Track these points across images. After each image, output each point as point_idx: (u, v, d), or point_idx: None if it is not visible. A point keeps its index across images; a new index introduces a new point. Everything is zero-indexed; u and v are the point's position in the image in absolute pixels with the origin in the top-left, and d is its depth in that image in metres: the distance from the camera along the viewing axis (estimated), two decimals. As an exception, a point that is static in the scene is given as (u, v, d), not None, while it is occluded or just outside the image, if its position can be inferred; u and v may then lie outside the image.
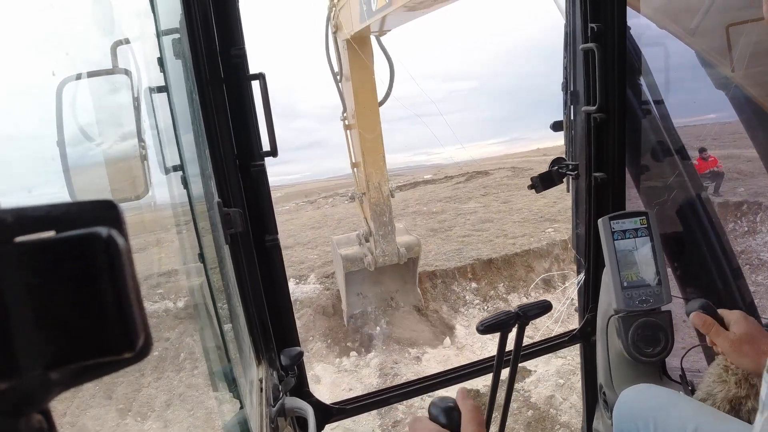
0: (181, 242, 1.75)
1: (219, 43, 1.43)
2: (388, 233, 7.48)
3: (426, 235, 10.95)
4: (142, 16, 1.36)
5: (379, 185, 7.29)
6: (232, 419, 1.37)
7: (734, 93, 1.72)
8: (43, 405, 0.23)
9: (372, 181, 7.23)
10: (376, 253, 7.44)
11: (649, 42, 1.97)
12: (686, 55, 1.77)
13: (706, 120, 2.12)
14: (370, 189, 7.26)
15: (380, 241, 7.43)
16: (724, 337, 1.32)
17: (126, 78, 1.33)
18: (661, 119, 2.01)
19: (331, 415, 1.89)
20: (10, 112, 1.60)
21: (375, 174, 7.25)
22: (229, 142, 1.49)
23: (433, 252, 9.82)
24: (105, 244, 0.22)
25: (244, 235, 1.54)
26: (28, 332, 0.21)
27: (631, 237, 1.89)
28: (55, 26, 1.25)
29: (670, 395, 1.49)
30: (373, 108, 6.95)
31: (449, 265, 8.99)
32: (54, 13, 1.20)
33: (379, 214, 7.40)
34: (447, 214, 12.87)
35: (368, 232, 7.56)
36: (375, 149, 7.20)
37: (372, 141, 7.09)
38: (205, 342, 1.63)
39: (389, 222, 7.49)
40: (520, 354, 1.78)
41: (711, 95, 1.85)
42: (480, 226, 11.18)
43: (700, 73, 1.79)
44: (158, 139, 1.44)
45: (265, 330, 1.63)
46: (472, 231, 10.91)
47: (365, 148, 7.11)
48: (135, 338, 0.23)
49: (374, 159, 7.22)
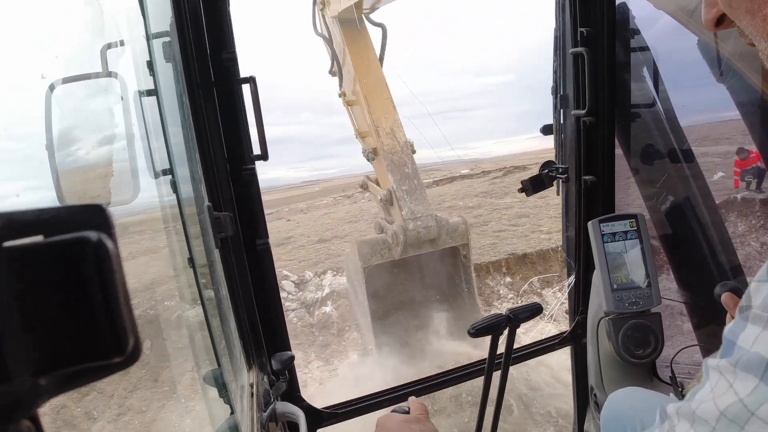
0: (170, 247, 1.74)
1: (210, 46, 1.43)
2: (415, 188, 5.57)
3: None
4: (132, 19, 1.35)
5: (392, 131, 5.92)
6: (222, 425, 1.36)
7: (732, 83, 1.72)
8: (32, 411, 0.23)
9: (383, 127, 5.86)
10: (404, 215, 5.34)
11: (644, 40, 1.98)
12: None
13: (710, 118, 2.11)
14: (381, 136, 5.81)
15: (405, 199, 5.46)
16: None
17: (115, 81, 1.32)
18: (656, 119, 2.02)
19: (322, 419, 1.88)
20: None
21: (384, 119, 5.91)
22: (219, 146, 1.49)
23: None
24: (94, 248, 0.22)
25: (235, 239, 1.53)
26: (16, 338, 0.21)
27: (620, 239, 1.90)
28: (44, 29, 1.24)
29: (658, 398, 1.49)
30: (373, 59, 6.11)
31: (483, 260, 9.00)
32: (43, 15, 1.19)
33: (399, 165, 5.71)
34: (483, 209, 12.95)
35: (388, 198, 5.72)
36: (380, 93, 6.03)
37: (374, 84, 6.03)
38: (195, 347, 1.62)
39: (413, 174, 5.68)
40: (511, 357, 1.78)
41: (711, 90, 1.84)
42: (516, 221, 11.23)
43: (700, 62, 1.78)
44: (148, 142, 1.43)
45: (255, 334, 1.62)
46: (508, 226, 10.95)
47: (368, 92, 5.92)
48: (125, 343, 0.23)
49: (381, 103, 5.97)
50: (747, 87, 1.68)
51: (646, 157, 2.10)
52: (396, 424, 1.07)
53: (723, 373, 0.56)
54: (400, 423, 1.07)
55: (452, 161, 28.20)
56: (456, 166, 23.16)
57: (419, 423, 1.07)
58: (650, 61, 1.99)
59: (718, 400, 0.55)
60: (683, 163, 2.00)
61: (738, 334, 0.57)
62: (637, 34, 1.98)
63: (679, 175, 2.02)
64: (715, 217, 2.01)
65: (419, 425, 1.06)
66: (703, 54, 1.75)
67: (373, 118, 5.88)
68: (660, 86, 2.00)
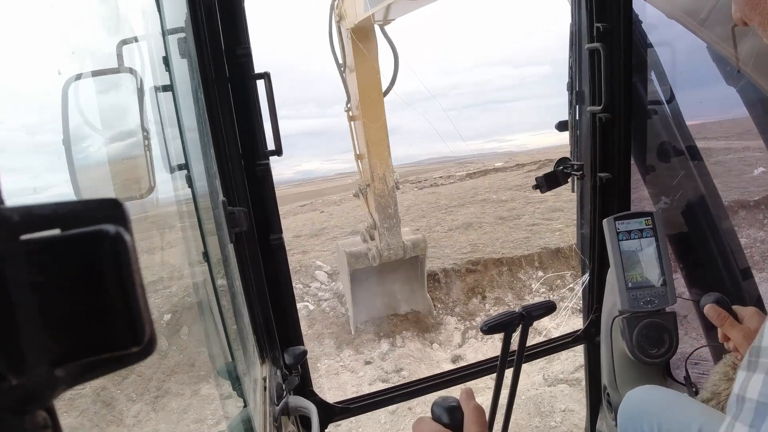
0: (185, 241, 1.76)
1: (224, 42, 1.44)
2: (393, 226, 7.28)
3: (494, 223, 10.98)
4: (148, 15, 1.36)
5: (384, 176, 7.08)
6: (235, 417, 1.37)
7: (743, 88, 1.70)
8: (48, 402, 0.23)
9: (377, 172, 7.02)
10: (381, 246, 7.22)
11: (661, 35, 1.96)
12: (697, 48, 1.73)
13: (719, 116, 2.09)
14: (374, 180, 7.06)
15: (385, 234, 7.21)
16: (738, 330, 1.31)
17: (131, 77, 1.33)
18: (673, 117, 2.00)
19: (334, 414, 1.89)
20: (15, 110, 1.61)
21: (380, 165, 7.04)
22: (234, 141, 1.50)
23: (500, 240, 9.79)
24: (112, 240, 0.22)
25: (249, 234, 1.54)
26: (34, 329, 0.21)
27: (636, 237, 1.88)
28: (60, 25, 1.25)
29: (675, 397, 1.48)
30: (378, 98, 6.79)
31: (516, 253, 8.97)
32: (59, 11, 1.20)
33: (383, 207, 7.17)
34: (516, 202, 12.85)
35: (372, 225, 7.36)
36: (380, 140, 7.00)
37: (377, 131, 6.91)
38: (209, 340, 1.64)
39: (394, 215, 7.29)
40: (524, 354, 1.77)
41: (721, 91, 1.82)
42: (549, 215, 11.11)
43: (710, 67, 1.76)
44: (163, 138, 1.45)
45: (269, 329, 1.63)
46: (541, 220, 10.86)
47: (370, 138, 6.92)
48: (141, 333, 0.23)
49: (379, 150, 7.02)
50: (758, 90, 1.66)
51: (663, 154, 2.07)
52: None
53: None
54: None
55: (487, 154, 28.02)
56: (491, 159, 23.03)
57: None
58: (667, 58, 1.97)
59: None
60: (698, 161, 1.98)
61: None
62: (654, 29, 1.96)
63: (694, 174, 1.99)
64: (727, 216, 1.98)
65: None
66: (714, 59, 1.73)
67: (371, 165, 7.01)
68: (678, 83, 1.97)
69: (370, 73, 6.71)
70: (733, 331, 1.32)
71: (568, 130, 2.15)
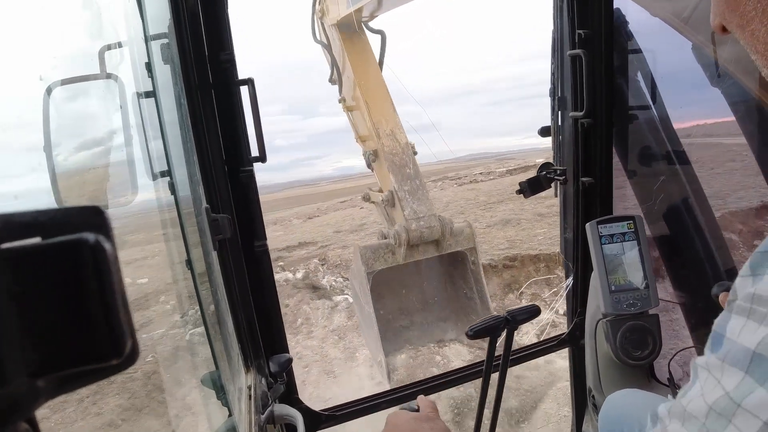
0: (168, 249, 1.74)
1: (208, 48, 1.43)
2: (417, 188, 5.47)
3: (532, 220, 11.09)
4: (131, 21, 1.35)
5: (393, 132, 5.84)
6: (220, 427, 1.36)
7: (728, 89, 1.72)
8: (29, 413, 0.22)
9: (383, 130, 5.81)
10: (406, 214, 5.22)
11: (642, 41, 1.98)
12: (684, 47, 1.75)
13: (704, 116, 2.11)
14: (381, 138, 5.76)
15: (408, 200, 5.34)
16: None
17: (114, 83, 1.32)
18: (654, 121, 2.03)
19: (320, 421, 1.88)
20: (-5, 116, 1.59)
21: (384, 122, 5.86)
22: (217, 148, 1.49)
23: (539, 236, 9.86)
24: (92, 249, 0.22)
25: (233, 241, 1.53)
26: (13, 339, 0.21)
27: (618, 241, 1.91)
28: (42, 30, 1.24)
29: (656, 400, 1.50)
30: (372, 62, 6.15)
31: (554, 250, 9.02)
32: (41, 16, 1.19)
33: (400, 166, 5.61)
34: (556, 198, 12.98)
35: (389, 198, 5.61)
36: (380, 96, 5.98)
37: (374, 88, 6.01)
38: (193, 349, 1.62)
39: (415, 175, 5.58)
40: (509, 359, 1.78)
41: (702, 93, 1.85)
42: None
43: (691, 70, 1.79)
44: (146, 144, 1.43)
45: (253, 336, 1.62)
46: None
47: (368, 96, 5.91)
48: (122, 345, 0.23)
49: (381, 105, 5.95)
50: (743, 91, 1.69)
51: (644, 158, 2.10)
52: (406, 423, 1.05)
53: (711, 371, 0.57)
54: (410, 421, 1.05)
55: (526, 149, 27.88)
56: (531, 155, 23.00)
57: (430, 421, 1.06)
58: (647, 64, 1.99)
59: (707, 396, 0.56)
60: (680, 165, 2.01)
61: (725, 326, 0.59)
62: (634, 36, 1.99)
63: (677, 177, 2.02)
64: (711, 219, 2.01)
65: (430, 423, 1.05)
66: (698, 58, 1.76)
67: (373, 121, 5.85)
68: (657, 88, 2.00)
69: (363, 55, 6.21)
70: None
71: (551, 135, 2.18)
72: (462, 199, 13.94)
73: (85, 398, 5.15)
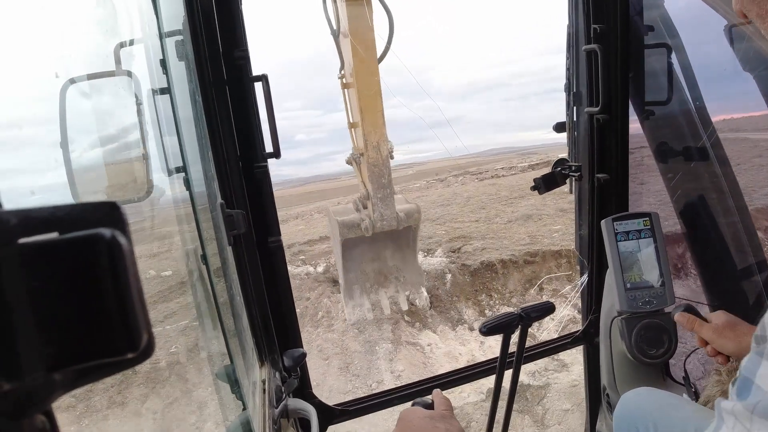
0: (183, 244, 1.75)
1: (222, 44, 1.44)
2: (387, 196, 7.21)
3: (554, 215, 11.05)
4: (145, 18, 1.36)
5: (378, 145, 7.08)
6: (234, 420, 1.37)
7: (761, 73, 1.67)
8: (46, 406, 0.23)
9: (370, 141, 7.03)
10: (374, 216, 7.14)
11: (658, 35, 1.95)
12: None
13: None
14: (368, 149, 7.02)
15: (378, 205, 7.14)
16: (707, 328, 1.42)
17: (129, 79, 1.33)
18: (671, 116, 2.00)
19: (334, 416, 1.89)
20: (12, 113, 1.61)
21: (373, 133, 7.04)
22: (232, 144, 1.49)
23: (560, 231, 9.83)
24: (108, 244, 0.22)
25: (247, 236, 1.54)
26: (31, 333, 0.21)
27: (634, 238, 1.88)
28: (57, 28, 1.25)
29: (671, 398, 1.48)
30: (372, 64, 6.76)
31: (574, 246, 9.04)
32: (56, 14, 1.20)
33: (377, 176, 7.13)
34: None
35: (366, 195, 7.35)
36: (373, 107, 6.97)
37: (370, 98, 6.88)
38: (208, 343, 1.63)
39: (388, 184, 7.24)
40: (523, 356, 1.77)
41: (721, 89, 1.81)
42: None
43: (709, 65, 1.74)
44: (161, 140, 1.44)
45: (267, 331, 1.63)
46: None
47: (363, 106, 6.89)
48: (138, 339, 0.23)
49: (373, 118, 6.99)
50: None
51: (661, 154, 2.08)
52: (420, 420, 1.00)
53: (739, 418, 0.55)
54: (424, 419, 1.00)
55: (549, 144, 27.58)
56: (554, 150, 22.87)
57: (444, 420, 1.00)
58: (664, 57, 1.97)
59: None
60: (702, 160, 1.97)
61: (755, 371, 0.56)
62: (651, 30, 1.96)
63: (699, 173, 1.99)
64: (741, 215, 1.96)
65: (445, 423, 0.99)
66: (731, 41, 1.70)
67: (365, 133, 6.96)
68: (675, 83, 1.97)
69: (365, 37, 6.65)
70: (702, 330, 1.43)
71: (566, 131, 2.16)
72: (483, 194, 13.81)
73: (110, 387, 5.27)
